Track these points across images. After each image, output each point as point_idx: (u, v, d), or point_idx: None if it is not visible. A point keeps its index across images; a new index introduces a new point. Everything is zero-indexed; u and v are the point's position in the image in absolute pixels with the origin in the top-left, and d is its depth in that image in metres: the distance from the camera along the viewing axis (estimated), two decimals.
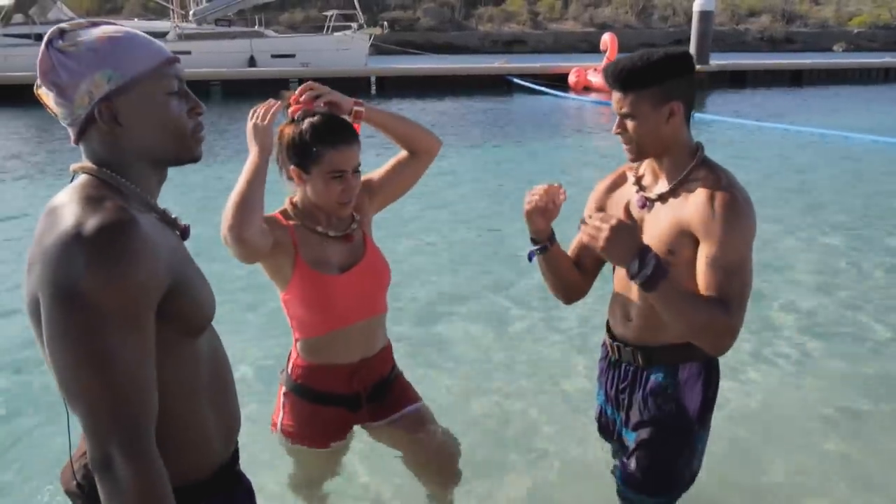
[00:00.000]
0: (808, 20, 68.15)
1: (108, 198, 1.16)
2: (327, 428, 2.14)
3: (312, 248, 2.00)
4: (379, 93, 22.24)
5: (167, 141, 1.26)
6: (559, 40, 59.39)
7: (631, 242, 1.68)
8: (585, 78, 21.23)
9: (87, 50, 1.17)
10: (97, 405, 1.09)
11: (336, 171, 1.93)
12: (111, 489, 1.09)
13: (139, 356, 1.11)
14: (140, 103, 1.21)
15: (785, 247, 5.90)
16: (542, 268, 2.06)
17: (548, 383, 3.62)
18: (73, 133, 1.24)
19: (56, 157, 11.18)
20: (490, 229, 6.64)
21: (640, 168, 1.98)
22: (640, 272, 1.67)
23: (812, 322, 4.40)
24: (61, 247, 1.08)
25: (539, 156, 11.00)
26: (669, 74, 1.78)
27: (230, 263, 2.11)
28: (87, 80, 1.17)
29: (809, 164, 9.86)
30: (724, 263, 1.72)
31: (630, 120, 1.80)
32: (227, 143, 11.97)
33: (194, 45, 22.97)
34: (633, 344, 1.99)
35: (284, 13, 55.44)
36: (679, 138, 1.84)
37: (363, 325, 2.08)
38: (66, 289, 1.07)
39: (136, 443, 1.10)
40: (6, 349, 4.03)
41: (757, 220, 1.79)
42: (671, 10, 66.15)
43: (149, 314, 1.13)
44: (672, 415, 1.95)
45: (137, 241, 1.11)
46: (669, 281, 1.69)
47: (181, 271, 1.21)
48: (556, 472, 2.87)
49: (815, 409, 3.37)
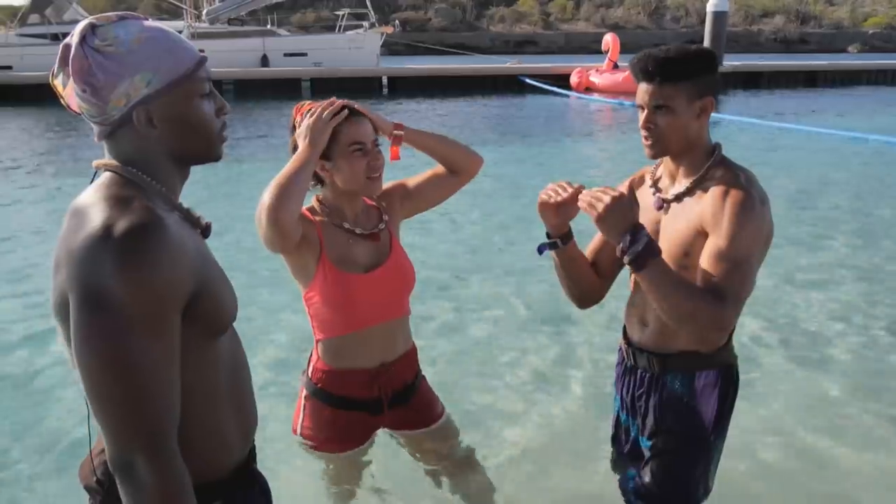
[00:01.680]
0: (823, 21, 67.68)
1: (136, 198, 1.15)
2: (348, 432, 2.12)
3: (338, 245, 1.98)
4: (390, 92, 22.27)
5: (198, 142, 1.26)
6: (571, 41, 59.26)
7: (627, 217, 1.66)
8: (587, 79, 21.02)
9: (126, 51, 1.15)
10: (121, 408, 1.08)
11: (356, 144, 1.90)
12: (133, 491, 1.09)
13: (164, 359, 1.11)
14: (175, 106, 1.21)
15: (800, 251, 5.85)
16: (556, 266, 2.01)
17: (558, 387, 3.61)
18: (100, 131, 1.22)
19: (74, 155, 11.27)
20: (503, 227, 6.64)
21: (658, 170, 1.95)
22: (630, 248, 1.64)
23: (829, 330, 4.33)
24: (90, 248, 1.07)
25: (551, 155, 10.98)
26: (704, 69, 1.75)
27: (252, 262, 2.11)
28: (126, 83, 1.16)
29: (826, 165, 9.78)
30: (728, 256, 1.66)
31: (663, 113, 1.74)
32: (240, 142, 12.00)
33: (207, 44, 23.05)
34: (648, 350, 1.95)
35: (297, 13, 55.64)
36: (702, 137, 1.81)
37: (384, 327, 2.05)
38: (94, 291, 1.06)
39: (158, 446, 1.10)
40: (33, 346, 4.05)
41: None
42: (683, 10, 65.86)
43: (175, 317, 1.13)
44: (688, 424, 1.90)
45: (165, 243, 1.10)
46: (659, 263, 1.66)
47: (205, 272, 1.21)
48: (565, 473, 2.85)
49: (839, 414, 3.33)
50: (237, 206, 7.55)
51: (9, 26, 27.03)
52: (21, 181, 9.24)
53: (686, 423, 1.91)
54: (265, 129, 13.78)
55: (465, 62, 27.02)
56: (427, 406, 2.22)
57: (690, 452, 1.91)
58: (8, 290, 5.02)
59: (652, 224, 1.88)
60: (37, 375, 3.73)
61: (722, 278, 1.65)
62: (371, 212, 2.10)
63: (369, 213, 2.09)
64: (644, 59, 1.74)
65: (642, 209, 1.92)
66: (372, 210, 2.10)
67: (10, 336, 4.22)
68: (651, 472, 1.96)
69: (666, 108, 1.74)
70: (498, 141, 12.50)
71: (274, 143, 11.85)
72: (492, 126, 14.73)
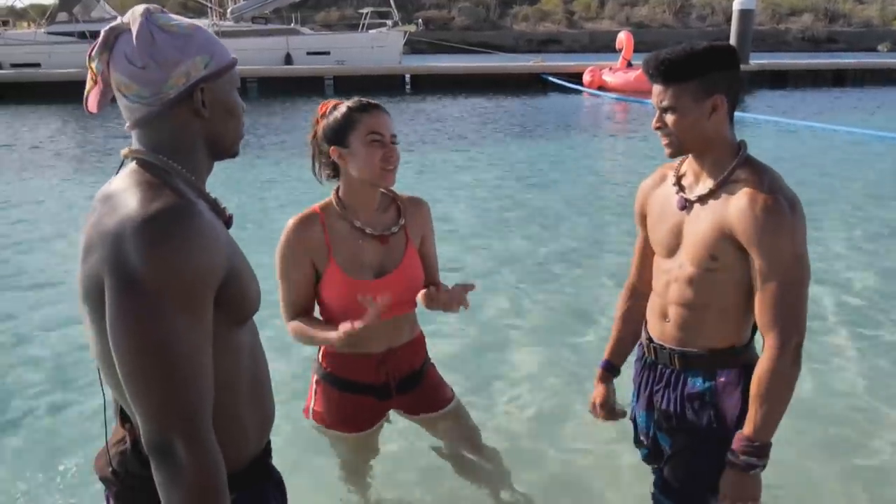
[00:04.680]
0: (852, 19, 66.56)
1: (168, 183, 1.16)
2: (358, 415, 2.17)
3: (347, 248, 1.99)
4: (413, 90, 22.28)
5: (235, 132, 1.31)
6: (595, 40, 58.82)
7: (755, 480, 1.79)
8: (600, 77, 20.73)
9: (187, 34, 1.21)
10: (158, 390, 1.09)
11: (374, 134, 1.91)
12: (171, 474, 1.09)
13: (199, 342, 1.12)
14: (222, 92, 1.26)
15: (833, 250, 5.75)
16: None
17: (575, 383, 3.58)
18: (140, 117, 1.22)
19: (104, 147, 11.41)
20: (527, 226, 6.61)
21: (682, 167, 1.92)
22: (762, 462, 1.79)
23: (862, 334, 4.27)
24: (124, 231, 1.08)
25: (571, 152, 10.93)
26: (712, 67, 1.71)
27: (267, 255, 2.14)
28: (188, 62, 1.20)
29: (853, 164, 9.62)
30: (777, 277, 1.68)
31: (670, 114, 1.74)
32: (264, 140, 12.07)
33: (231, 42, 23.15)
34: (670, 346, 1.94)
35: (321, 11, 55.88)
36: (721, 135, 1.77)
37: (391, 321, 2.07)
38: (129, 273, 1.07)
39: (196, 428, 1.10)
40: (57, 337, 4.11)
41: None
42: (709, 8, 65.11)
43: (208, 300, 1.14)
44: (709, 422, 1.89)
45: (199, 227, 1.11)
46: (768, 432, 1.76)
47: (235, 259, 1.22)
48: (587, 469, 2.83)
49: (864, 413, 3.28)
50: (254, 201, 7.62)
51: (38, 24, 27.47)
52: (53, 176, 9.36)
53: (708, 422, 1.89)
54: (288, 127, 13.87)
55: (488, 61, 26.96)
56: (435, 390, 2.26)
57: (710, 451, 1.88)
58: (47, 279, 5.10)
59: (674, 224, 1.87)
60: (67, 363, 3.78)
61: (778, 301, 1.70)
62: (389, 213, 2.08)
63: (386, 215, 2.07)
64: (651, 60, 1.74)
65: (664, 208, 1.92)
66: (391, 211, 2.09)
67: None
68: (671, 469, 1.95)
69: (672, 108, 1.73)
70: (520, 137, 12.48)
71: (295, 141, 11.92)
72: (513, 123, 14.69)
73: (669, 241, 1.89)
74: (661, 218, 1.92)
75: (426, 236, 2.15)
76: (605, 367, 2.22)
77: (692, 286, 1.84)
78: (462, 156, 10.70)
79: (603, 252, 5.79)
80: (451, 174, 9.20)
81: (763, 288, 1.71)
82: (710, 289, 1.82)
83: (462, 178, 8.91)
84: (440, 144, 11.93)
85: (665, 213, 1.91)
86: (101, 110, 1.26)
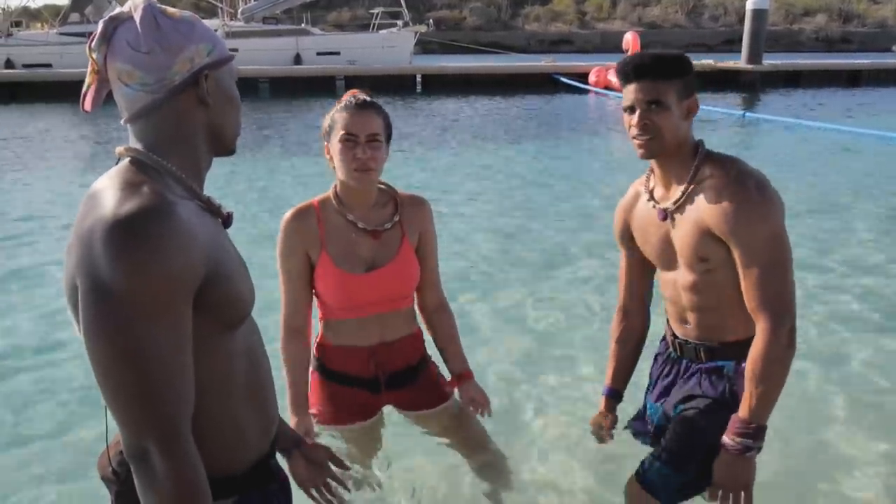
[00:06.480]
0: (866, 20, 66.25)
1: (147, 183, 1.13)
2: (350, 407, 2.16)
3: (340, 240, 2.02)
4: (424, 91, 22.30)
5: (235, 124, 1.30)
6: (607, 40, 58.78)
7: (749, 464, 1.79)
8: (605, 77, 20.61)
9: (190, 20, 1.21)
10: (131, 398, 1.06)
11: (347, 135, 1.92)
12: (147, 480, 1.08)
13: (173, 347, 1.08)
14: (223, 82, 1.26)
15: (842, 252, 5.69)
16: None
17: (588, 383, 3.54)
18: (141, 107, 1.19)
19: (114, 148, 11.46)
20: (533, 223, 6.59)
21: (650, 181, 1.97)
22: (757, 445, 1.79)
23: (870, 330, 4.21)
24: (95, 234, 1.06)
25: (580, 151, 10.91)
26: (688, 70, 1.80)
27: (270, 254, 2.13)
28: (192, 48, 1.19)
29: (865, 165, 9.54)
30: (757, 262, 1.72)
31: (658, 109, 1.77)
32: (274, 138, 12.11)
33: (241, 42, 23.38)
34: (695, 342, 1.97)
35: (332, 11, 56.13)
36: (689, 137, 1.84)
37: (383, 316, 2.09)
38: (98, 277, 1.04)
39: (171, 435, 1.08)
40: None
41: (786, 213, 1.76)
42: (722, 9, 64.96)
43: (182, 304, 1.10)
44: (722, 392, 1.91)
45: (172, 228, 1.07)
46: (765, 413, 1.77)
47: (219, 260, 1.17)
48: (589, 471, 2.80)
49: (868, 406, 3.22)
50: (262, 200, 7.64)
51: (51, 24, 27.73)
52: (64, 175, 9.42)
53: (721, 392, 1.91)
54: (298, 126, 13.91)
55: (500, 61, 26.96)
56: (432, 388, 2.25)
57: (716, 413, 1.87)
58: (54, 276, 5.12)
59: (662, 237, 1.92)
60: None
61: (763, 287, 1.71)
62: (387, 209, 2.10)
63: (383, 211, 2.08)
64: (636, 60, 1.79)
65: (647, 224, 2.00)
66: (389, 208, 2.10)
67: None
68: (672, 427, 1.94)
69: (660, 103, 1.77)
70: (531, 137, 12.47)
71: (305, 140, 11.95)
72: (524, 123, 14.68)
73: (663, 254, 1.94)
74: (647, 234, 1.97)
75: (425, 235, 2.14)
76: (610, 395, 2.24)
77: (697, 292, 1.88)
78: (473, 156, 10.70)
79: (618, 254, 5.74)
80: (462, 174, 9.19)
81: (746, 275, 1.74)
82: (714, 290, 1.85)
83: (472, 178, 8.90)
84: (450, 145, 11.94)
85: (650, 229, 1.97)
86: (95, 108, 1.24)
